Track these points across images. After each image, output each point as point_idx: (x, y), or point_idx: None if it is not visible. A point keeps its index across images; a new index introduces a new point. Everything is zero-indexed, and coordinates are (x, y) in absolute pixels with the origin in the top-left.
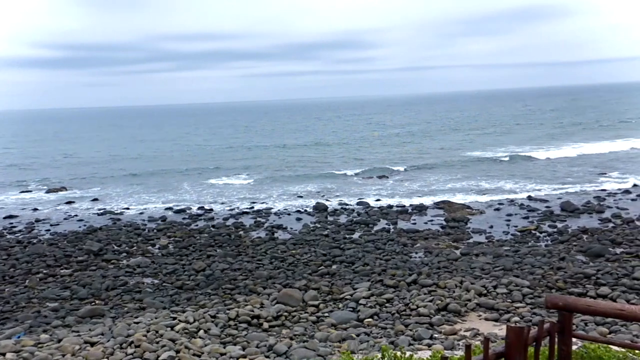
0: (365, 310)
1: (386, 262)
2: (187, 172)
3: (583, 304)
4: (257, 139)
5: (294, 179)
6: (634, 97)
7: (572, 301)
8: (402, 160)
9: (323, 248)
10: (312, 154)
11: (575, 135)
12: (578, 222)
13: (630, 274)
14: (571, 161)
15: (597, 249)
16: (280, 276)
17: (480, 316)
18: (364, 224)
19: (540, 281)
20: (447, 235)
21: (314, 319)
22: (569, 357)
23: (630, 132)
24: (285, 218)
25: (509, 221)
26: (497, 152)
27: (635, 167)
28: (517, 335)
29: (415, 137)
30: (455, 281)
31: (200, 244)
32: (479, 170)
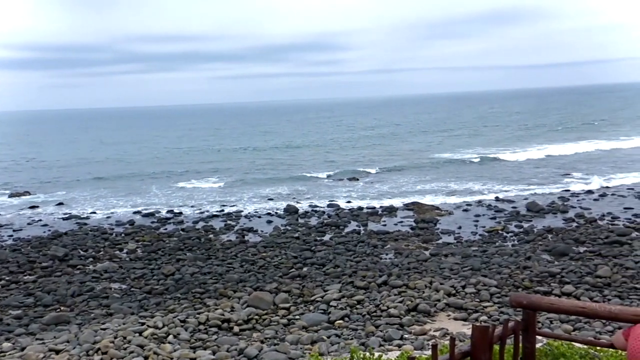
0: (336, 312)
1: (357, 264)
2: (156, 175)
3: (546, 303)
4: (227, 141)
5: (264, 182)
6: (598, 100)
7: (535, 300)
8: (372, 162)
9: (294, 250)
10: (282, 156)
11: (540, 136)
12: (543, 222)
13: (593, 272)
14: (536, 162)
15: (562, 248)
16: (250, 279)
17: (449, 316)
18: (334, 226)
19: (507, 280)
20: (416, 237)
21: (284, 321)
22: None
23: (593, 133)
24: (255, 221)
25: (477, 222)
26: (465, 153)
27: (598, 168)
28: (482, 334)
29: (385, 139)
30: (424, 282)
31: (169, 247)
32: (447, 171)
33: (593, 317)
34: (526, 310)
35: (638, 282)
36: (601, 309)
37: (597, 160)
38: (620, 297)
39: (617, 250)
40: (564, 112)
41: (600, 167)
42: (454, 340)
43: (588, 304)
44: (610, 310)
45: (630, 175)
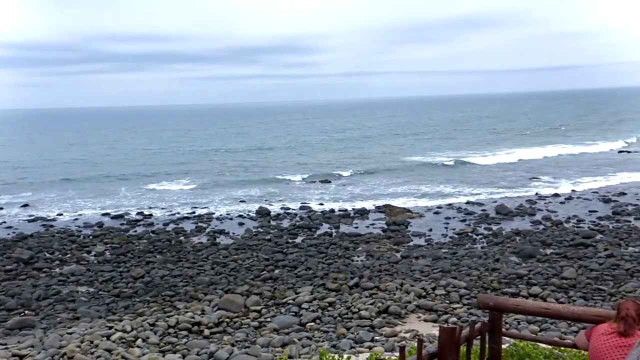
0: (308, 314)
1: (328, 266)
2: (126, 176)
3: (512, 304)
4: (199, 143)
5: (236, 184)
6: (564, 105)
7: (502, 301)
8: (344, 164)
9: (266, 253)
10: (254, 158)
11: (509, 140)
12: (511, 224)
13: (559, 274)
14: (505, 166)
15: (529, 250)
16: (222, 282)
17: (419, 317)
18: (306, 228)
19: (476, 282)
20: (388, 239)
21: (256, 324)
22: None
23: (560, 138)
24: (227, 223)
25: (447, 224)
26: (436, 157)
27: (564, 172)
28: (449, 336)
29: (358, 142)
30: (395, 284)
31: (139, 250)
32: (419, 174)
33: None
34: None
35: (602, 283)
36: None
37: (564, 164)
38: (585, 298)
39: (582, 252)
40: (532, 117)
41: (566, 171)
42: (421, 342)
43: (552, 305)
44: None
45: (595, 179)
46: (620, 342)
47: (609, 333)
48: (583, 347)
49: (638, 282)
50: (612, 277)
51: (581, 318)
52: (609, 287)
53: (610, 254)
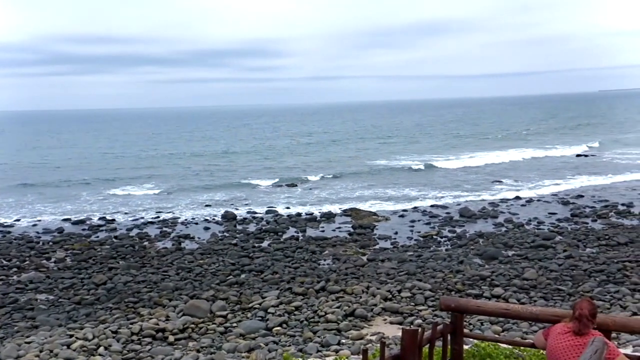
0: (274, 319)
1: (295, 270)
2: (87, 181)
3: (473, 305)
4: (163, 147)
5: (201, 188)
6: (524, 110)
7: (463, 303)
8: (311, 168)
9: (232, 257)
10: (220, 162)
11: (471, 145)
12: (475, 227)
13: (521, 275)
14: (469, 170)
15: (492, 252)
16: (187, 287)
17: (385, 320)
18: (273, 232)
19: (441, 284)
20: (354, 242)
21: (221, 329)
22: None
23: (521, 142)
24: (192, 227)
25: (412, 227)
26: (401, 160)
27: (526, 175)
28: (412, 337)
29: (324, 146)
30: (362, 287)
31: (101, 256)
32: (384, 178)
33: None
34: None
35: (561, 283)
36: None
37: (525, 168)
38: (545, 298)
39: (542, 254)
40: (494, 122)
41: (527, 174)
42: (384, 344)
43: (512, 306)
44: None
45: (554, 182)
46: (575, 341)
47: (565, 332)
48: (541, 347)
49: (595, 282)
50: (571, 278)
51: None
52: (567, 287)
53: (569, 255)
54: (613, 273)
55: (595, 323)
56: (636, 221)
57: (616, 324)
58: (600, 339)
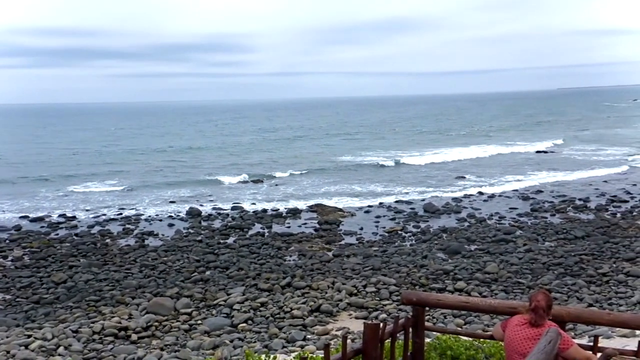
0: (240, 315)
1: (261, 266)
2: (46, 177)
3: (434, 299)
4: (125, 142)
5: (165, 185)
6: (487, 107)
7: (424, 296)
8: (276, 164)
9: (196, 254)
10: (184, 158)
11: (436, 141)
12: (439, 222)
13: (483, 269)
14: (432, 166)
15: (455, 246)
16: (150, 285)
17: (351, 315)
18: (238, 229)
19: (405, 279)
20: (320, 238)
21: (186, 327)
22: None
23: (482, 139)
24: (156, 224)
25: (377, 223)
26: (366, 156)
27: (488, 171)
28: (374, 332)
29: (289, 142)
30: (327, 282)
31: (61, 254)
32: (350, 174)
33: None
34: (416, 307)
35: (521, 276)
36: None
37: (487, 164)
38: (506, 292)
39: (503, 248)
40: (457, 118)
41: (489, 170)
42: (345, 339)
43: (471, 299)
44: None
45: (515, 178)
46: (532, 332)
47: (522, 324)
48: (499, 338)
49: (553, 275)
50: (530, 271)
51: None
52: (527, 280)
53: (528, 249)
54: (570, 266)
55: (550, 314)
56: (592, 215)
57: (570, 315)
58: (554, 330)
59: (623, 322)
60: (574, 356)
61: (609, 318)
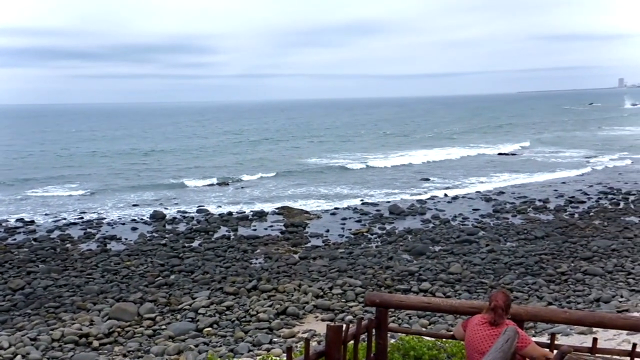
0: (205, 320)
1: (226, 270)
2: (2, 181)
3: (396, 300)
4: (87, 145)
5: (128, 188)
6: (450, 109)
7: (387, 298)
8: (242, 167)
9: (161, 258)
10: (148, 161)
11: (401, 143)
12: (404, 223)
13: (447, 269)
14: (398, 168)
15: (420, 247)
16: (113, 290)
17: (317, 317)
18: (203, 232)
19: (371, 280)
20: (286, 240)
21: (150, 332)
22: (385, 350)
23: (447, 141)
24: (119, 228)
25: (344, 225)
26: (332, 159)
27: (451, 173)
28: (336, 334)
29: (256, 144)
30: (293, 285)
31: (18, 259)
32: (317, 176)
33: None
34: (379, 308)
35: (484, 276)
36: (444, 304)
37: (451, 166)
38: (469, 292)
39: (467, 248)
40: (422, 121)
41: (453, 172)
42: (308, 341)
43: (433, 300)
44: (451, 304)
45: (479, 180)
46: (491, 331)
47: (482, 323)
48: (460, 338)
49: (515, 274)
50: (493, 271)
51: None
52: (490, 280)
53: (491, 249)
54: (531, 265)
55: (509, 314)
56: (551, 216)
57: (528, 313)
58: (512, 329)
59: (578, 319)
60: (531, 354)
61: (565, 316)
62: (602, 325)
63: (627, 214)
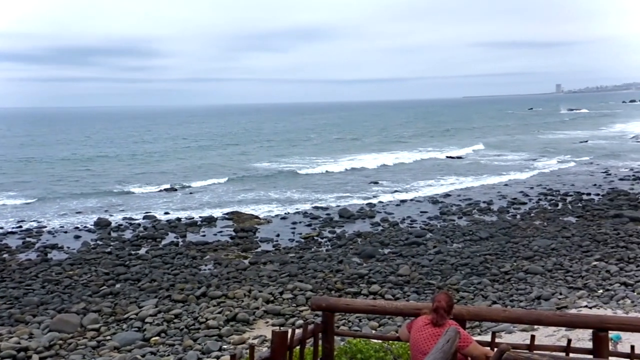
0: (152, 329)
1: (174, 277)
2: None
3: (343, 304)
4: (25, 151)
5: (71, 195)
6: (399, 114)
7: (333, 302)
8: (191, 172)
9: (105, 266)
10: (92, 167)
11: (350, 147)
12: (353, 227)
13: (396, 272)
14: (348, 172)
15: (369, 250)
16: (54, 301)
17: (267, 323)
18: (151, 239)
19: (321, 284)
20: (236, 246)
21: (94, 343)
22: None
23: (395, 145)
24: (61, 236)
25: (294, 229)
26: (282, 163)
27: (400, 176)
28: (281, 339)
29: (204, 149)
30: (244, 290)
31: None
32: (267, 181)
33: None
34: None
35: (431, 278)
36: (389, 306)
37: (399, 169)
38: (418, 293)
39: (415, 250)
40: (370, 125)
41: (402, 175)
42: (253, 348)
43: (378, 302)
44: (396, 306)
45: (426, 183)
46: (434, 332)
47: (425, 324)
48: (405, 339)
49: (461, 275)
50: (440, 272)
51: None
52: (437, 281)
53: (438, 251)
54: (476, 266)
55: (452, 314)
56: (495, 217)
57: (470, 313)
58: (453, 329)
59: (517, 318)
60: (473, 353)
61: (504, 315)
62: (540, 322)
63: (565, 214)
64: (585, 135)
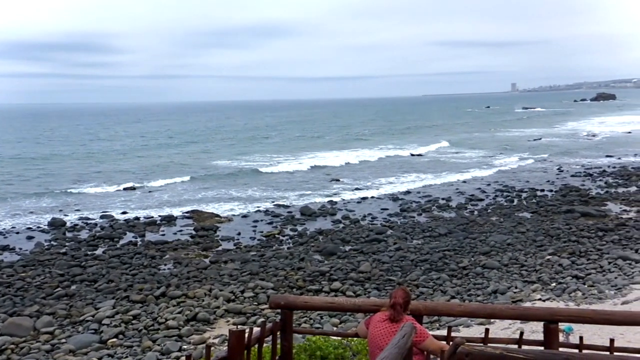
0: (109, 330)
1: (133, 277)
2: None
3: (301, 302)
4: None
5: (24, 195)
6: (361, 112)
7: (292, 300)
8: (150, 170)
9: (60, 267)
10: (46, 166)
11: (311, 145)
12: (315, 224)
13: (357, 268)
14: (309, 170)
15: (331, 248)
16: (5, 304)
17: (228, 322)
18: (108, 239)
19: (283, 282)
20: (196, 245)
21: (47, 347)
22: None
23: (356, 142)
24: (12, 237)
25: (255, 227)
26: (242, 161)
27: (361, 174)
28: (238, 338)
29: (162, 147)
30: (204, 289)
31: None
32: (227, 179)
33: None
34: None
35: (392, 274)
36: (347, 303)
37: (361, 167)
38: (378, 289)
39: (376, 247)
40: (332, 123)
41: (363, 173)
42: (209, 347)
43: (336, 300)
44: (354, 303)
45: (387, 180)
46: (391, 327)
47: (383, 320)
48: (363, 335)
49: (421, 270)
50: (400, 268)
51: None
52: (397, 277)
53: (398, 247)
54: (435, 261)
55: (409, 309)
56: (454, 214)
57: (427, 308)
58: (409, 324)
59: (472, 312)
60: (429, 347)
61: (460, 309)
62: (494, 316)
63: (520, 210)
64: (540, 133)
